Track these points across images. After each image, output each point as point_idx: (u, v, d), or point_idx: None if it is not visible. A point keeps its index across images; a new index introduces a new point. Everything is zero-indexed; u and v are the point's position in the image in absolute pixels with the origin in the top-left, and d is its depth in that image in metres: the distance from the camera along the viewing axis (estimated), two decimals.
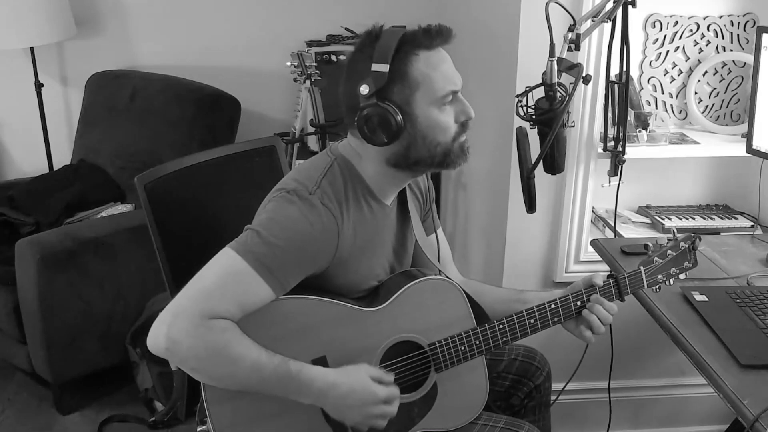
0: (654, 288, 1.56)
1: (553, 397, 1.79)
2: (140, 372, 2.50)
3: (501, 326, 1.46)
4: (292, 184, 1.38)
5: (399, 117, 1.32)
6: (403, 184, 1.49)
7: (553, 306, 1.48)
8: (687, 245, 1.56)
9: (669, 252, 1.56)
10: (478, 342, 1.45)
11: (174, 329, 1.24)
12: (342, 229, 1.36)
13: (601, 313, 1.47)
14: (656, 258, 1.55)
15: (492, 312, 1.52)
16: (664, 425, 2.46)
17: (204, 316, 1.24)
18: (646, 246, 1.59)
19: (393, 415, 1.37)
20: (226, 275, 1.28)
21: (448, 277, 1.54)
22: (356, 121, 1.33)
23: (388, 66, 1.30)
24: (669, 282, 1.57)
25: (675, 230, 1.60)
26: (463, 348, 1.44)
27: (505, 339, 1.46)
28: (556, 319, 1.48)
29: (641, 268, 1.54)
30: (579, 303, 1.49)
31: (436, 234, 1.68)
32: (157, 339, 1.25)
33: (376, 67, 1.31)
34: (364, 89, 1.32)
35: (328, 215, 1.34)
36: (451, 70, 1.37)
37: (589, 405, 2.33)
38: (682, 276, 1.58)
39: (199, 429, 1.49)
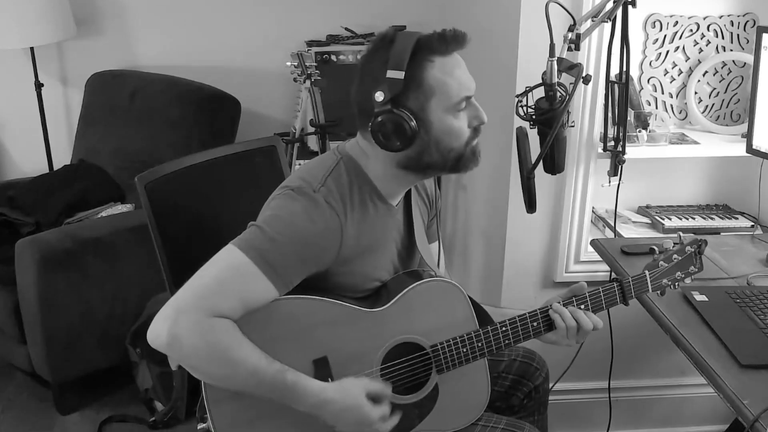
0: (659, 292, 1.54)
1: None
2: (140, 372, 2.50)
3: (504, 329, 1.45)
4: (297, 182, 1.38)
5: (414, 123, 1.32)
6: (410, 185, 1.49)
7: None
8: (693, 249, 1.53)
9: (675, 256, 1.53)
10: (480, 344, 1.44)
11: (176, 325, 1.24)
12: (345, 227, 1.36)
13: (582, 319, 1.46)
14: (661, 262, 1.53)
15: None
16: (664, 425, 2.46)
17: (207, 314, 1.24)
18: (651, 249, 1.56)
19: None
20: (228, 271, 1.29)
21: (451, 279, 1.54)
22: (371, 126, 1.33)
23: (403, 73, 1.30)
24: (675, 286, 1.54)
25: (681, 234, 1.57)
26: (465, 350, 1.44)
27: (507, 341, 1.46)
28: None
29: (646, 272, 1.52)
30: (582, 306, 1.48)
31: (439, 243, 1.67)
32: (158, 334, 1.25)
33: (391, 73, 1.30)
34: (380, 96, 1.31)
35: (331, 213, 1.34)
36: (465, 76, 1.37)
37: (589, 405, 2.33)
38: (688, 280, 1.54)
39: (199, 427, 1.49)
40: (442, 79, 1.33)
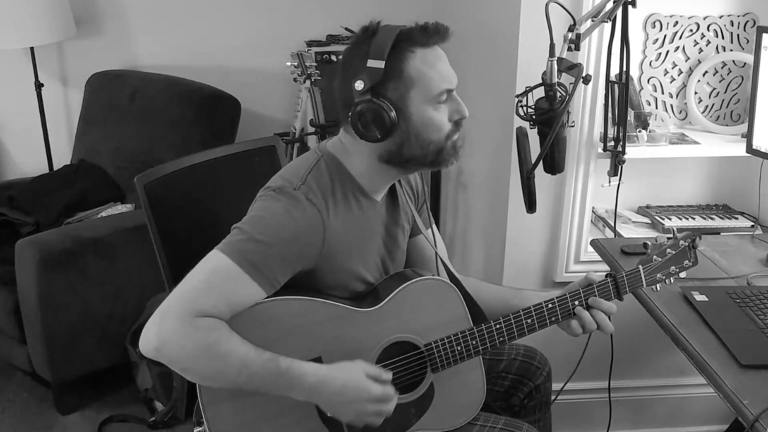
0: (653, 287, 1.55)
1: (552, 397, 1.78)
2: (140, 372, 2.50)
3: (498, 326, 1.45)
4: (278, 182, 1.38)
5: (393, 114, 1.33)
6: (393, 180, 1.49)
7: (550, 306, 1.47)
8: (687, 243, 1.55)
9: (668, 250, 1.54)
10: (474, 342, 1.44)
11: (163, 329, 1.24)
12: (328, 223, 1.36)
13: (599, 316, 1.47)
14: (655, 256, 1.54)
15: (490, 310, 1.51)
16: (664, 425, 2.46)
17: (191, 315, 1.24)
18: (645, 245, 1.57)
19: (389, 414, 1.36)
20: (212, 274, 1.29)
21: (453, 274, 1.54)
22: (350, 116, 1.34)
23: (383, 62, 1.31)
24: (669, 281, 1.55)
25: (675, 229, 1.59)
26: (459, 348, 1.44)
27: (501, 339, 1.46)
28: (553, 319, 1.48)
29: (640, 266, 1.53)
30: (577, 303, 1.48)
31: (432, 230, 1.68)
32: (147, 340, 1.25)
33: (371, 63, 1.31)
34: (359, 85, 1.32)
35: (312, 209, 1.34)
36: (447, 69, 1.37)
37: (589, 405, 2.33)
38: (682, 275, 1.55)
39: (195, 430, 1.48)
40: (423, 71, 1.33)
